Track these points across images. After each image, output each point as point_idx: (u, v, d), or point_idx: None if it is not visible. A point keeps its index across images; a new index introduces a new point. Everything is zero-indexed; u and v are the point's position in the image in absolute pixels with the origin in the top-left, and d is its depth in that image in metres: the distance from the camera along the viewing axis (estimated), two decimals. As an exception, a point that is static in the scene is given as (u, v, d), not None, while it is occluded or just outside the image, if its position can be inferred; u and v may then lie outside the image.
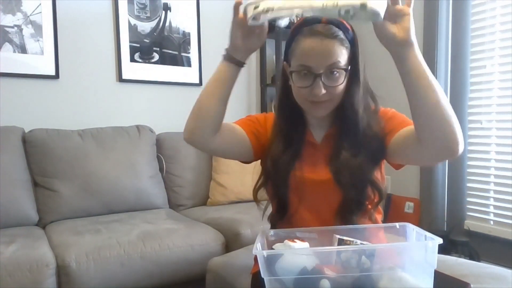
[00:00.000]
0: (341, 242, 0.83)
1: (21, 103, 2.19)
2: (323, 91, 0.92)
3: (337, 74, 0.92)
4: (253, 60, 2.93)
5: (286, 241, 0.83)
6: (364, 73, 0.99)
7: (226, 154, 1.10)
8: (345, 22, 0.93)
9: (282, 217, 1.04)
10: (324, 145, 1.05)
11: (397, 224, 0.90)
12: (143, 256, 1.61)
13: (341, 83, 0.93)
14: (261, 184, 1.07)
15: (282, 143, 1.03)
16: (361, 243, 0.81)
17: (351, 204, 0.97)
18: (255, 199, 1.08)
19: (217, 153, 1.14)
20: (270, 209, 1.09)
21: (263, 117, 1.13)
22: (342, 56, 0.92)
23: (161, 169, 2.34)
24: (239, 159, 1.11)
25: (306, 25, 0.93)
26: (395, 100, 1.17)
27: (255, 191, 1.07)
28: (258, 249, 0.78)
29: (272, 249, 0.84)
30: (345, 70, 0.92)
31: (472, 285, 0.96)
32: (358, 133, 0.97)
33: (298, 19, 0.95)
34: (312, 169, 1.02)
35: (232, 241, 1.82)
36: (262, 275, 0.76)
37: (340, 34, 0.91)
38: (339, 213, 0.98)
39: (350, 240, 0.82)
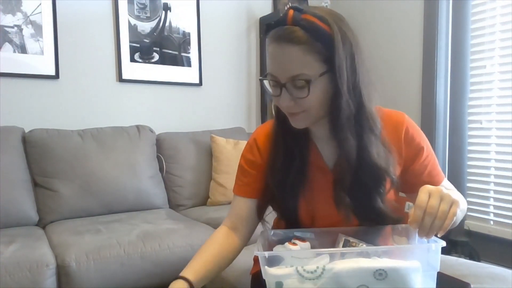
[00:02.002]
0: (346, 244, 0.82)
1: (21, 103, 2.19)
2: (290, 103, 0.82)
3: (302, 85, 0.79)
4: (253, 60, 2.93)
5: (286, 244, 0.82)
6: (354, 79, 0.82)
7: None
8: (318, 21, 0.78)
9: None
10: (337, 172, 0.91)
11: (399, 226, 0.89)
12: (143, 256, 1.61)
13: (307, 95, 0.79)
14: (267, 203, 1.00)
15: (281, 155, 0.93)
16: (366, 246, 0.81)
17: None
18: (260, 217, 1.00)
19: None
20: (269, 210, 1.03)
21: (251, 146, 1.00)
22: (308, 64, 0.78)
23: (161, 169, 2.34)
24: None
25: (273, 27, 0.81)
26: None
27: (260, 208, 0.99)
28: (259, 250, 0.77)
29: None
30: (308, 81, 0.78)
31: (472, 285, 0.96)
32: (351, 156, 0.84)
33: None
34: (326, 204, 0.91)
35: (232, 241, 1.82)
36: (264, 277, 0.75)
37: (307, 38, 0.77)
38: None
39: (355, 242, 0.82)
